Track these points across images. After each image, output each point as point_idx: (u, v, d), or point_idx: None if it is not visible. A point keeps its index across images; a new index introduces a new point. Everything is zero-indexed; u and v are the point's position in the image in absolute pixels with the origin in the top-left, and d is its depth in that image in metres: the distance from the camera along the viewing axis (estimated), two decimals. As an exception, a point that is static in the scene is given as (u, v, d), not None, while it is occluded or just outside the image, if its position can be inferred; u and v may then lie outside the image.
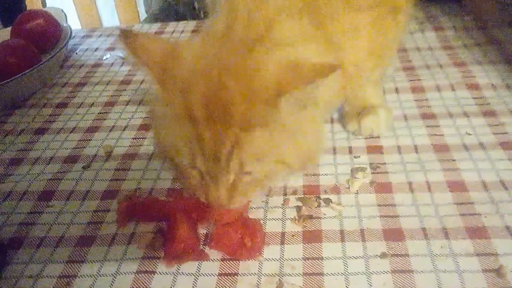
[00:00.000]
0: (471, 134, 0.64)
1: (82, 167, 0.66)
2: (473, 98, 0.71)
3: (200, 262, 0.50)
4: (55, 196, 0.62)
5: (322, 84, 0.45)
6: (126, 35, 0.53)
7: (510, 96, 0.70)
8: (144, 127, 0.74)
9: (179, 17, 1.25)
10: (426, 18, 0.97)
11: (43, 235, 0.56)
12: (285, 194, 0.58)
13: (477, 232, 0.50)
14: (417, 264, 0.47)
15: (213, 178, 0.50)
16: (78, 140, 0.73)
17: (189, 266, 0.50)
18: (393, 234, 0.51)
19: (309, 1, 0.55)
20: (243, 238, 0.51)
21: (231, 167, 0.49)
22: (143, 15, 1.25)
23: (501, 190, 0.55)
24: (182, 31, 1.07)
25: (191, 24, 1.10)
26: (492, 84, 0.74)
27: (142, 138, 0.71)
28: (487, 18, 0.92)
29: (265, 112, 0.47)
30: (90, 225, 0.57)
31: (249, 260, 0.50)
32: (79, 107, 0.82)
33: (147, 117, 0.76)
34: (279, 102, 0.46)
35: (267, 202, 0.57)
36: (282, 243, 0.51)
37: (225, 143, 0.48)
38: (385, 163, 0.60)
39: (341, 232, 0.52)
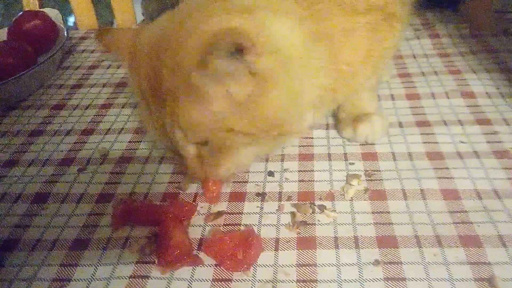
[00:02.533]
0: (465, 142, 0.64)
1: (77, 170, 0.66)
2: (467, 106, 0.72)
3: (194, 267, 0.50)
4: (49, 198, 0.62)
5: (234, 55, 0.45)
6: (100, 33, 0.56)
7: (505, 105, 0.71)
8: (140, 130, 0.74)
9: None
10: (422, 25, 0.98)
11: (37, 237, 0.56)
12: (279, 200, 0.58)
13: (470, 241, 0.50)
14: (410, 272, 0.47)
15: (178, 153, 0.53)
16: (74, 143, 0.73)
17: (183, 271, 0.50)
18: (387, 242, 0.51)
19: None
20: (236, 249, 0.50)
21: (177, 139, 0.51)
22: (140, 17, 1.25)
23: (494, 198, 0.55)
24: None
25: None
26: (487, 93, 0.74)
27: (138, 142, 0.71)
28: (482, 26, 0.93)
29: (186, 82, 0.48)
30: (85, 228, 0.56)
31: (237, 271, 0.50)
32: (75, 109, 0.82)
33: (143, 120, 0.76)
34: (196, 75, 0.47)
35: (261, 208, 0.57)
36: (276, 249, 0.52)
37: (166, 117, 0.50)
38: (379, 170, 0.61)
39: (335, 239, 0.52)
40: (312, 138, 0.68)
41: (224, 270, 0.50)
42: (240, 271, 0.49)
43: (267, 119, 0.52)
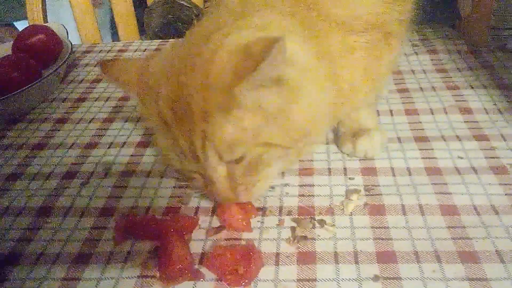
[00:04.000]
0: (463, 158, 0.65)
1: (81, 184, 0.67)
2: (465, 121, 0.73)
3: (195, 282, 0.51)
4: (53, 212, 0.62)
5: (278, 61, 0.45)
6: (105, 65, 0.56)
7: (502, 121, 0.72)
8: (142, 144, 0.75)
9: (179, 35, 1.26)
10: (420, 41, 0.99)
11: (40, 251, 0.56)
12: (280, 215, 0.59)
13: (468, 256, 0.51)
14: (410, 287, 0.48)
15: (207, 175, 0.52)
16: (77, 156, 0.74)
17: (185, 286, 0.50)
18: (386, 257, 0.52)
19: (303, 15, 0.56)
20: (237, 264, 0.50)
21: (210, 160, 0.51)
22: (142, 31, 1.27)
23: (492, 214, 0.56)
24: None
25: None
26: (484, 108, 0.75)
27: (140, 156, 0.72)
28: (479, 42, 0.94)
29: (222, 99, 0.47)
30: (87, 242, 0.57)
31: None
32: (78, 123, 0.83)
33: (145, 134, 0.77)
34: (236, 90, 0.46)
35: (262, 222, 0.58)
36: (277, 263, 0.52)
37: (195, 139, 0.50)
38: (379, 185, 0.62)
39: (335, 254, 0.53)
40: (312, 153, 0.68)
41: (225, 285, 0.50)
42: (241, 286, 0.50)
43: (298, 129, 0.53)
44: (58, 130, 0.82)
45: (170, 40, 1.13)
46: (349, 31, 0.58)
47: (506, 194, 0.58)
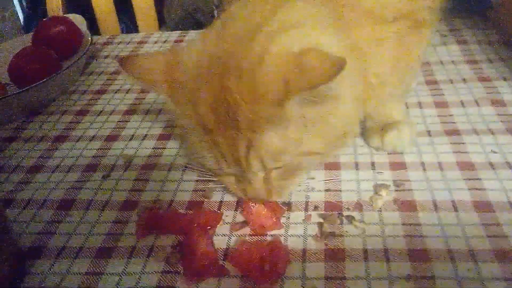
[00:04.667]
0: (496, 152, 0.62)
1: (102, 177, 0.66)
2: (498, 114, 0.70)
3: (220, 278, 0.49)
4: (74, 205, 0.61)
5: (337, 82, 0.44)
6: (125, 62, 0.53)
7: (537, 114, 0.69)
8: (163, 136, 0.74)
9: (199, 26, 1.26)
10: (449, 31, 0.96)
11: (62, 245, 0.56)
12: (306, 210, 0.57)
13: (504, 255, 0.48)
14: (443, 287, 0.46)
15: (244, 178, 0.52)
16: (98, 149, 0.73)
17: (209, 282, 0.49)
18: (418, 255, 0.49)
19: (333, 4, 0.54)
20: (263, 260, 0.49)
21: (253, 167, 0.50)
22: (161, 23, 1.26)
23: (528, 211, 0.53)
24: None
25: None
26: (518, 101, 0.72)
27: (162, 148, 0.71)
28: (511, 32, 0.91)
29: (272, 112, 0.46)
30: (109, 236, 0.56)
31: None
32: (98, 115, 0.83)
33: (166, 127, 0.76)
34: (287, 103, 0.46)
35: (288, 218, 0.56)
36: (304, 260, 0.50)
37: (239, 147, 0.49)
38: (409, 180, 0.59)
39: (364, 251, 0.51)
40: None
41: (251, 281, 0.49)
42: (267, 283, 0.48)
43: (336, 134, 0.53)
44: (79, 123, 0.81)
45: (190, 31, 1.12)
46: (379, 21, 0.56)
47: (543, 190, 0.55)
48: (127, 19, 1.60)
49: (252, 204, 0.55)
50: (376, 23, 0.56)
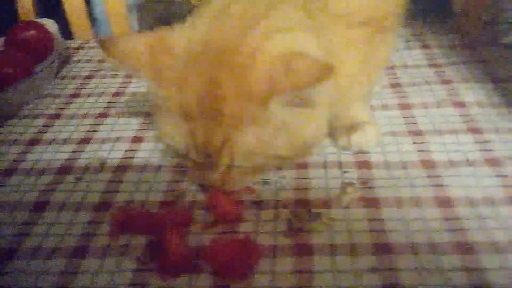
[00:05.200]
0: (458, 151, 0.65)
1: (75, 179, 0.67)
2: (459, 115, 0.73)
3: (193, 275, 0.51)
4: (48, 207, 0.62)
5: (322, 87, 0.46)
6: (106, 44, 0.53)
7: (496, 114, 0.72)
8: (137, 139, 0.75)
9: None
10: (413, 36, 1.00)
11: (36, 246, 0.56)
12: (276, 208, 0.59)
13: (464, 247, 0.51)
14: (406, 278, 0.48)
15: (206, 167, 0.54)
16: (71, 152, 0.73)
17: (182, 279, 0.50)
18: (383, 249, 0.52)
19: (311, 7, 0.57)
20: (235, 257, 0.50)
21: (222, 162, 0.52)
22: (135, 27, 1.27)
23: (487, 206, 0.56)
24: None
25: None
26: (478, 102, 0.76)
27: (135, 150, 0.72)
28: (472, 37, 0.95)
29: (256, 111, 0.48)
30: (84, 236, 0.57)
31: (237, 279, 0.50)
32: (71, 118, 0.83)
33: (140, 129, 0.77)
34: (270, 102, 0.47)
35: (259, 216, 0.58)
36: (274, 256, 0.52)
37: (215, 140, 0.50)
38: (374, 178, 0.62)
39: (331, 246, 0.53)
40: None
41: (223, 278, 0.50)
42: (239, 278, 0.50)
43: (305, 142, 0.54)
44: (52, 126, 0.81)
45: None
46: (347, 25, 0.59)
47: (502, 186, 0.59)
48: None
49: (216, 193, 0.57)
50: (343, 27, 0.59)
